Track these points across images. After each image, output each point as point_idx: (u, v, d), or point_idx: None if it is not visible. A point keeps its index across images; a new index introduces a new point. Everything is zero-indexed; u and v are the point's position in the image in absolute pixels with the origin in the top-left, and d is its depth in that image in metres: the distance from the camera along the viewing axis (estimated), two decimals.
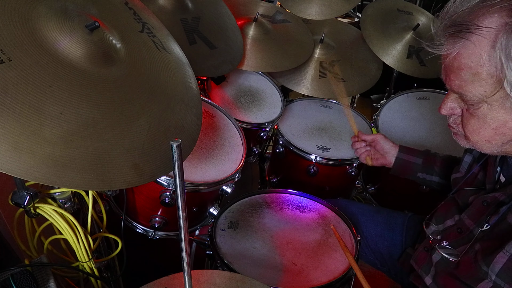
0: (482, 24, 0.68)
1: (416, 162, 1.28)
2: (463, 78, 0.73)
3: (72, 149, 0.71)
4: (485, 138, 0.78)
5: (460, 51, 0.71)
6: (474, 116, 0.77)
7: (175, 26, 1.36)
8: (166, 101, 0.94)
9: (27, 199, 0.93)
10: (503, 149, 0.78)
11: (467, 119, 0.79)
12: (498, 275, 0.80)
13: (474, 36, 0.68)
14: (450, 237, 0.98)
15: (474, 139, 0.80)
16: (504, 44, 0.65)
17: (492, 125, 0.75)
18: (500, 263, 0.79)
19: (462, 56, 0.71)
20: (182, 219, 0.64)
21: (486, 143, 0.78)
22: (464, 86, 0.73)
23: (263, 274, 1.04)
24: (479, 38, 0.68)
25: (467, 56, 0.71)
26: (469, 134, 0.80)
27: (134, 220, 1.31)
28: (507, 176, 0.88)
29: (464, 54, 0.71)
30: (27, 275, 0.89)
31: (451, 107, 0.83)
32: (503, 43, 0.65)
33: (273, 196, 1.34)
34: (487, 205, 0.89)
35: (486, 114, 0.74)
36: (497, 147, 0.78)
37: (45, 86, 0.70)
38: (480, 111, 0.75)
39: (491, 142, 0.77)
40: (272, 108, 1.72)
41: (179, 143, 0.57)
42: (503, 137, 0.75)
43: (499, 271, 0.80)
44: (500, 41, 0.65)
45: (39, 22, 0.76)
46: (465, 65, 0.71)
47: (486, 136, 0.77)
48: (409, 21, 1.92)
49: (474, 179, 0.98)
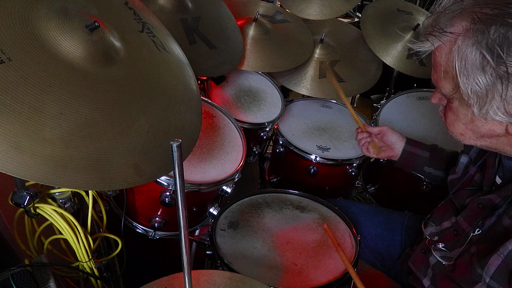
0: (450, 29, 0.72)
1: (423, 156, 1.26)
2: (438, 74, 0.78)
3: (72, 149, 0.71)
4: (459, 131, 0.81)
5: (436, 50, 0.76)
6: (451, 109, 0.81)
7: (175, 26, 1.36)
8: (166, 101, 0.94)
9: (27, 199, 0.93)
10: (479, 143, 0.81)
11: (447, 111, 0.83)
12: (493, 277, 0.80)
13: (444, 38, 0.73)
14: (446, 239, 0.98)
15: (451, 130, 0.84)
16: (459, 50, 0.69)
17: (463, 120, 0.78)
18: (494, 265, 0.80)
19: (436, 55, 0.76)
20: (182, 219, 0.64)
21: (460, 136, 0.82)
22: (439, 81, 0.78)
23: (263, 274, 1.04)
24: (448, 40, 0.72)
25: (439, 54, 0.75)
26: (448, 126, 0.84)
27: (134, 220, 1.31)
28: (503, 178, 0.88)
29: (438, 53, 0.76)
30: (27, 275, 0.89)
31: (439, 97, 0.87)
32: (459, 48, 0.69)
33: (273, 196, 1.34)
34: (483, 208, 0.89)
35: (458, 109, 0.78)
36: (472, 140, 0.81)
37: (45, 86, 0.70)
38: (454, 105, 0.79)
39: (465, 136, 0.81)
40: (272, 108, 1.71)
41: (179, 143, 0.57)
42: (473, 133, 0.79)
43: (493, 274, 0.80)
44: (457, 46, 0.69)
45: (39, 22, 0.76)
46: (438, 62, 0.76)
47: (460, 129, 0.81)
48: (409, 21, 1.92)
49: (471, 181, 0.98)
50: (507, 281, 0.78)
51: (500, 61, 0.64)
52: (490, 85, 0.67)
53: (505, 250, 0.78)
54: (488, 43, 0.64)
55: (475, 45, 0.66)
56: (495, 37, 0.64)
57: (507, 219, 0.81)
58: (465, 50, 0.68)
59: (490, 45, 0.64)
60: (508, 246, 0.78)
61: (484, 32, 0.65)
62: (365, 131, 1.37)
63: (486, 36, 0.65)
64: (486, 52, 0.65)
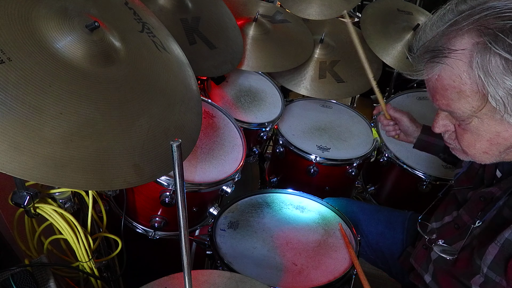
0: (455, 47, 0.70)
1: (438, 144, 1.26)
2: (449, 97, 0.74)
3: (72, 149, 0.71)
4: (482, 150, 0.79)
5: (441, 74, 0.73)
6: (467, 130, 0.78)
7: (175, 26, 1.36)
8: (166, 101, 0.94)
9: (27, 199, 0.93)
10: (501, 157, 0.79)
11: (461, 134, 0.81)
12: (490, 267, 0.80)
13: (450, 60, 0.71)
14: (447, 234, 0.98)
15: (471, 152, 0.81)
16: (479, 63, 0.67)
17: (486, 137, 0.76)
18: (491, 254, 0.80)
19: (443, 78, 0.73)
20: (182, 219, 0.64)
21: (484, 154, 0.79)
22: (452, 104, 0.75)
23: (263, 274, 1.04)
24: (455, 61, 0.70)
25: (448, 77, 0.73)
26: (466, 148, 0.81)
27: (134, 220, 1.31)
28: (503, 171, 0.89)
29: (445, 76, 0.73)
30: (27, 275, 0.89)
31: (443, 124, 0.85)
32: (478, 61, 0.67)
33: (273, 196, 1.34)
34: (484, 200, 0.90)
35: (478, 127, 0.75)
36: (496, 156, 0.79)
37: (45, 86, 0.70)
38: (472, 125, 0.76)
39: (489, 153, 0.79)
40: (272, 108, 1.71)
41: (179, 143, 0.57)
42: (499, 146, 0.76)
43: (490, 263, 0.80)
44: (476, 60, 0.68)
45: (39, 22, 0.75)
46: (448, 85, 0.73)
47: (483, 148, 0.78)
48: (409, 21, 1.92)
49: (475, 175, 0.99)
50: (503, 271, 0.78)
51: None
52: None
53: (501, 239, 0.78)
54: (505, 46, 0.64)
55: (493, 53, 0.65)
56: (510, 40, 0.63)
57: (507, 210, 0.82)
58: (485, 61, 0.67)
59: (509, 47, 0.64)
60: (505, 234, 0.78)
61: (497, 39, 0.65)
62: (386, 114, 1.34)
63: (501, 41, 0.64)
64: (507, 55, 0.64)
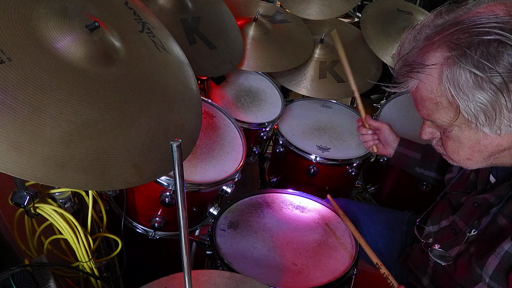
0: (427, 62, 0.72)
1: (414, 157, 1.27)
2: (428, 107, 0.77)
3: (72, 149, 0.71)
4: (465, 157, 0.81)
5: (418, 86, 0.76)
6: (450, 138, 0.80)
7: (175, 26, 1.36)
8: (166, 101, 0.94)
9: (27, 199, 0.93)
10: (489, 163, 0.80)
11: (445, 142, 0.83)
12: (492, 278, 0.81)
13: (422, 75, 0.73)
14: (444, 238, 0.98)
15: (456, 158, 0.83)
16: (449, 77, 0.69)
17: (468, 145, 0.78)
18: (492, 265, 0.81)
19: (421, 90, 0.76)
20: (182, 219, 0.64)
21: (467, 161, 0.81)
22: (432, 114, 0.78)
23: (263, 274, 1.04)
24: (427, 76, 0.73)
25: (424, 89, 0.75)
26: (451, 155, 0.84)
27: (134, 220, 1.31)
28: (497, 177, 0.89)
29: (422, 88, 0.75)
30: (27, 275, 0.89)
31: (430, 132, 0.87)
32: (448, 76, 0.69)
33: (273, 196, 1.34)
34: (478, 207, 0.90)
35: (459, 135, 0.78)
36: (481, 162, 0.80)
37: (45, 86, 0.70)
38: (453, 133, 0.78)
39: (472, 160, 0.80)
40: (272, 108, 1.71)
41: (179, 143, 0.57)
42: (481, 153, 0.78)
43: (492, 274, 0.81)
44: (445, 75, 0.70)
45: (39, 22, 0.76)
46: (426, 97, 0.76)
47: (466, 154, 0.80)
48: (409, 21, 1.92)
49: (466, 180, 0.99)
50: (505, 281, 0.79)
51: (492, 72, 0.65)
52: (493, 100, 0.67)
53: (501, 251, 0.79)
54: (474, 61, 0.65)
55: (462, 68, 0.67)
56: (478, 55, 0.65)
57: (502, 218, 0.82)
58: (455, 76, 0.68)
59: (477, 62, 0.65)
60: (504, 247, 0.79)
61: (465, 54, 0.66)
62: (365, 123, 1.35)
63: (469, 57, 0.66)
64: (476, 70, 0.66)
